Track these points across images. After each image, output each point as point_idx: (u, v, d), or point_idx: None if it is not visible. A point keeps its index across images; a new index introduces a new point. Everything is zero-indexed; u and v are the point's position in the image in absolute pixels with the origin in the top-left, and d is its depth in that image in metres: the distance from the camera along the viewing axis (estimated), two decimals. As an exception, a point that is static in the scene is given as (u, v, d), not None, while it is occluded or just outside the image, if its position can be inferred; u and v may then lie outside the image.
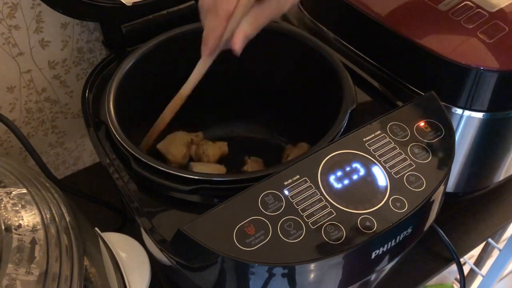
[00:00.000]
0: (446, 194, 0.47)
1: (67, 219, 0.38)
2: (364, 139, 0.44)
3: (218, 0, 0.40)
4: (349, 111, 0.48)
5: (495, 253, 1.00)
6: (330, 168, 0.42)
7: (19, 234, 0.34)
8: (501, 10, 0.55)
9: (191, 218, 0.38)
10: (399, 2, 0.58)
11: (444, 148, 0.44)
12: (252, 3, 0.41)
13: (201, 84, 0.63)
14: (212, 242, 0.37)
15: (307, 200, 0.40)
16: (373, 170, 0.42)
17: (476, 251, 1.03)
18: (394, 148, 0.43)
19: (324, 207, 0.39)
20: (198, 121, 0.65)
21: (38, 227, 0.35)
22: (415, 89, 0.56)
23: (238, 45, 0.42)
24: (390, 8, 0.58)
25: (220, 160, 0.62)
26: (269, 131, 0.66)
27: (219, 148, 0.62)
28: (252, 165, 0.60)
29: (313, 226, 0.38)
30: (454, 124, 0.56)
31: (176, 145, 0.59)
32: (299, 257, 0.37)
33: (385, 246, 0.40)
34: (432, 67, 0.55)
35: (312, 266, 0.38)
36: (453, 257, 0.63)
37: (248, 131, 0.67)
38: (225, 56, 0.61)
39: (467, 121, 0.55)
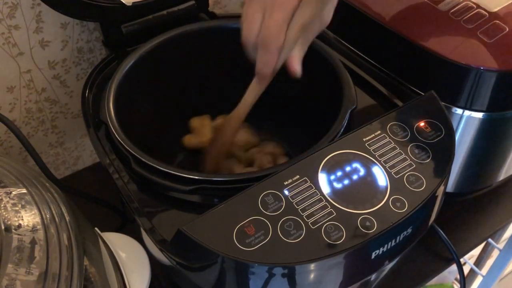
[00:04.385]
0: (446, 194, 0.47)
1: (67, 219, 0.38)
2: (364, 139, 0.44)
3: (267, 38, 0.42)
4: (349, 111, 0.48)
5: (495, 253, 1.00)
6: (330, 168, 0.42)
7: (19, 234, 0.34)
8: (501, 10, 0.55)
9: (191, 218, 0.38)
10: (399, 2, 0.58)
11: (444, 148, 0.44)
12: (299, 35, 0.43)
13: (199, 85, 0.63)
14: (212, 242, 0.37)
15: (307, 200, 0.40)
16: (373, 170, 0.42)
17: (476, 251, 1.03)
18: (394, 148, 0.43)
19: (324, 207, 0.39)
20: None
21: (38, 227, 0.35)
22: (415, 89, 0.56)
23: (297, 69, 0.46)
24: (390, 8, 0.58)
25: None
26: (269, 131, 0.66)
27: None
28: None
29: (313, 226, 0.38)
30: (454, 124, 0.56)
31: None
32: (299, 257, 0.37)
33: (385, 246, 0.40)
34: (432, 67, 0.55)
35: (312, 266, 0.38)
36: (453, 257, 0.63)
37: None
38: (222, 56, 0.62)
39: (467, 121, 0.55)
